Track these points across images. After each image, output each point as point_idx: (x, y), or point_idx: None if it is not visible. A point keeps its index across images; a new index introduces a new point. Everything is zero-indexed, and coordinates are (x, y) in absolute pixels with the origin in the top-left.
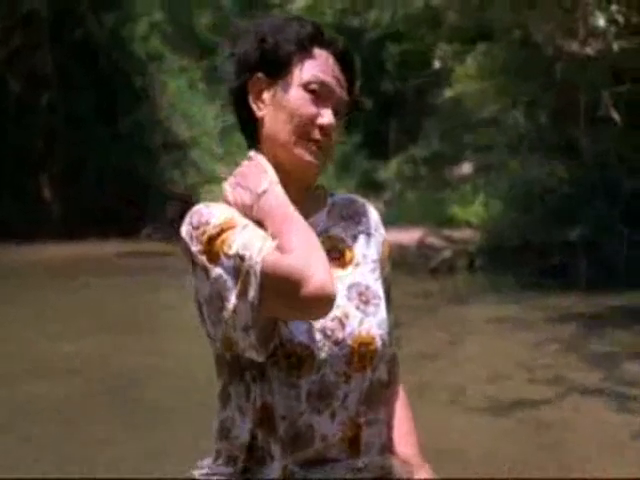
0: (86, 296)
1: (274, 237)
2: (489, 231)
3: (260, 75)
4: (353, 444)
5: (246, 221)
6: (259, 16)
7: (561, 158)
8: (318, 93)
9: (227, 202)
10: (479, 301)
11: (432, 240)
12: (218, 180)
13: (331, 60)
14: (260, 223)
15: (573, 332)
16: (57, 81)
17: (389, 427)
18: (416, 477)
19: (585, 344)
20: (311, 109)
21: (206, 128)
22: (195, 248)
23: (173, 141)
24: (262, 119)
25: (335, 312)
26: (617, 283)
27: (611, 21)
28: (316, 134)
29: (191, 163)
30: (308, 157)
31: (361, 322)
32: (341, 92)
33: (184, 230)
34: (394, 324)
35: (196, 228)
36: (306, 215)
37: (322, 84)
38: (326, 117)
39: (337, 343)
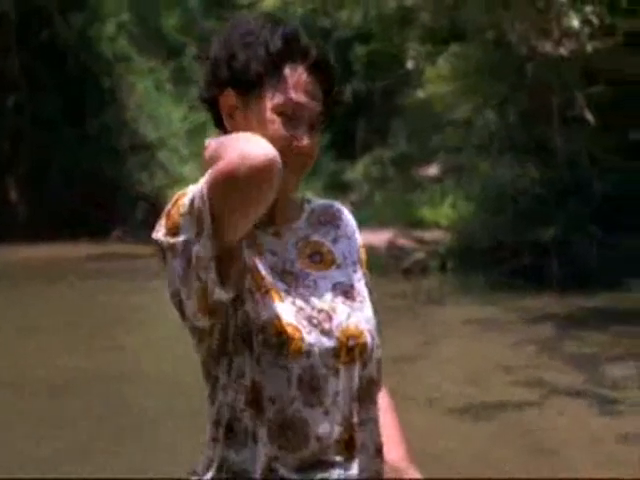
0: (62, 299)
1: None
2: (460, 232)
3: (231, 92)
4: (349, 446)
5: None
6: (230, 17)
7: (533, 159)
8: (291, 114)
9: None
10: (453, 302)
11: (402, 241)
12: (186, 182)
13: (304, 75)
14: None
15: (549, 333)
16: (24, 82)
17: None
18: (406, 477)
19: (562, 346)
20: (284, 134)
21: (173, 129)
22: (160, 235)
23: (140, 143)
24: None
25: (322, 305)
26: (589, 284)
27: (585, 21)
28: (291, 157)
29: (158, 165)
30: (282, 179)
31: (349, 316)
32: (316, 105)
33: (154, 230)
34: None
35: (160, 218)
36: (287, 222)
37: (295, 105)
38: (301, 140)
39: (324, 333)
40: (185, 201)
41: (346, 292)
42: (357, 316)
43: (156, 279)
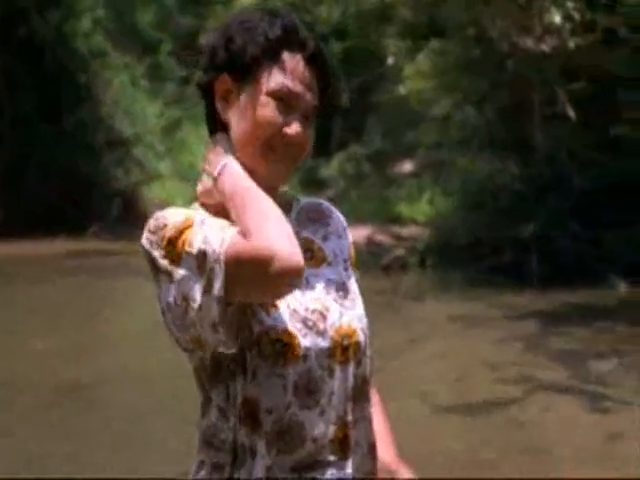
0: (44, 297)
1: (236, 220)
2: (438, 228)
3: (226, 77)
4: (343, 444)
5: (203, 216)
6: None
7: (512, 155)
8: (286, 101)
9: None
10: (435, 299)
11: (380, 238)
12: (162, 178)
13: (301, 64)
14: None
15: (534, 330)
16: (1, 80)
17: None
18: (399, 477)
19: (547, 342)
20: (277, 119)
21: (149, 125)
22: (156, 253)
23: (116, 139)
24: (228, 121)
25: (315, 305)
26: (568, 280)
27: (567, 17)
28: (282, 144)
29: (134, 161)
30: (272, 167)
31: (341, 315)
32: (311, 97)
33: (144, 238)
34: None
35: (154, 233)
36: None
37: (290, 93)
38: (293, 127)
39: (319, 334)
40: (192, 239)
41: (338, 290)
42: (349, 315)
43: (136, 276)
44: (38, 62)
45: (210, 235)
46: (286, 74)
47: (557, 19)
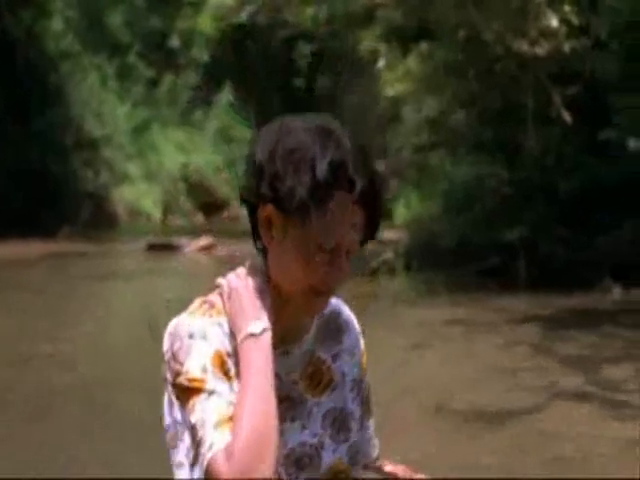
0: (21, 300)
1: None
2: (420, 231)
3: (271, 207)
4: None
5: (215, 384)
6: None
7: (501, 158)
8: (334, 248)
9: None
10: (427, 302)
11: None
12: (130, 179)
13: (350, 205)
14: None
15: (536, 334)
16: None
17: None
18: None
19: (554, 347)
20: (325, 269)
21: (118, 127)
22: (168, 376)
23: (85, 140)
24: (269, 250)
25: (312, 440)
26: (558, 283)
27: (563, 21)
28: (326, 287)
29: (104, 162)
30: (314, 304)
31: (335, 451)
32: (357, 236)
33: (166, 344)
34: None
35: (173, 356)
36: (297, 340)
37: (339, 244)
38: (342, 270)
39: (315, 469)
40: (195, 407)
41: (335, 420)
42: (342, 450)
43: (112, 280)
44: (8, 62)
45: (207, 420)
46: (334, 222)
47: (554, 22)
